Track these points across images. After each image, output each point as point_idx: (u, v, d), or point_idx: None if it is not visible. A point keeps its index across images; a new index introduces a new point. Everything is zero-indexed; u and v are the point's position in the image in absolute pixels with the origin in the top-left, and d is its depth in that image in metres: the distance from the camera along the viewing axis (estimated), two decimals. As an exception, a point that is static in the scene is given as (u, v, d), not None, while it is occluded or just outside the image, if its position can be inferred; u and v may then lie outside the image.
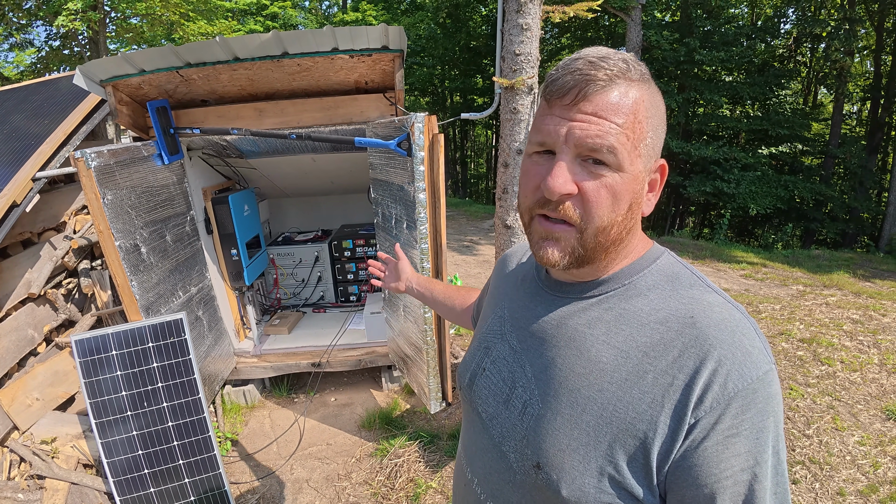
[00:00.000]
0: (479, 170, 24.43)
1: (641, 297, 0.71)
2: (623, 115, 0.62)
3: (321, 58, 2.48)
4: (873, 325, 4.71)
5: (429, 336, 2.65)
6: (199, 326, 3.01)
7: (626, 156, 0.63)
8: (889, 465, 2.85)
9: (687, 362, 0.63)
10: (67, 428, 2.72)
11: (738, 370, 0.60)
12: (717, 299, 0.68)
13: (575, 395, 0.69)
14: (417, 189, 2.41)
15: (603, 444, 0.65)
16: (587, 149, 0.63)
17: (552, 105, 0.65)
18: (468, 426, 0.90)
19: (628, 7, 10.14)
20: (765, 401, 0.61)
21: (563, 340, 0.74)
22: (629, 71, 0.64)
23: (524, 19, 2.62)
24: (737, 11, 16.13)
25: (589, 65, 0.63)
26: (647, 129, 0.65)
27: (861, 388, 3.62)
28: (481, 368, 0.86)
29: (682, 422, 0.61)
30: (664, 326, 0.66)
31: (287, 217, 4.83)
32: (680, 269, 0.73)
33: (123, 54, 2.21)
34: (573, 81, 0.63)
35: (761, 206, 11.13)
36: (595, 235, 0.67)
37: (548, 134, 0.65)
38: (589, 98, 0.62)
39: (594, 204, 0.65)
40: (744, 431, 0.60)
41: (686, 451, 0.61)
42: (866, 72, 16.71)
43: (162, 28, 12.24)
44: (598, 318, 0.72)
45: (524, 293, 0.86)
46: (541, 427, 0.72)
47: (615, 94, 0.62)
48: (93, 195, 2.14)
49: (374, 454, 2.95)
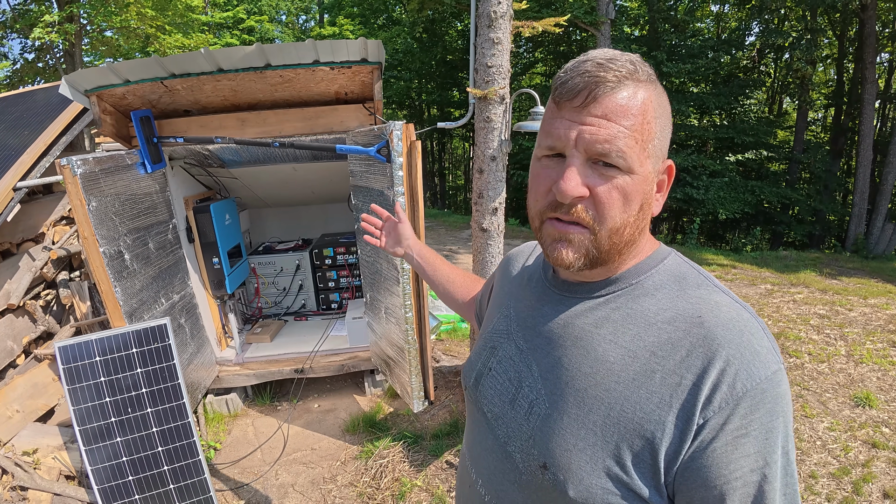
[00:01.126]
0: (457, 181, 24.67)
1: (649, 297, 0.70)
2: (632, 117, 0.63)
3: (303, 69, 2.56)
4: (840, 319, 4.94)
5: (410, 336, 2.73)
6: (182, 334, 3.03)
7: (635, 158, 0.64)
8: (860, 448, 2.99)
9: (695, 362, 0.62)
10: (48, 439, 2.71)
11: (746, 370, 0.60)
12: (724, 299, 0.67)
13: (582, 395, 0.69)
14: (397, 193, 2.51)
15: (610, 445, 0.65)
16: (597, 153, 0.63)
17: (561, 107, 0.66)
18: (473, 426, 0.90)
19: (598, 22, 10.48)
20: (774, 401, 0.60)
21: (570, 340, 0.74)
22: (637, 72, 0.64)
23: (495, 34, 2.76)
24: (702, 25, 16.80)
25: (598, 66, 0.63)
26: (656, 129, 0.65)
27: (829, 378, 3.80)
28: (487, 368, 0.86)
29: (691, 422, 0.61)
30: (672, 326, 0.66)
31: (267, 227, 4.86)
32: (687, 269, 0.73)
33: (109, 64, 2.26)
34: (582, 83, 0.63)
35: (730, 211, 11.53)
36: (609, 237, 0.67)
37: (558, 137, 0.65)
38: (598, 100, 0.62)
39: (606, 206, 0.65)
40: (753, 432, 0.59)
41: (695, 452, 0.61)
42: (829, 80, 17.50)
43: (138, 41, 12.19)
44: (605, 317, 0.72)
45: (531, 293, 0.86)
46: (547, 427, 0.71)
47: (624, 95, 0.63)
48: (78, 202, 2.18)
49: (359, 456, 2.99)
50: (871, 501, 2.60)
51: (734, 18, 16.61)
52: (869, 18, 10.88)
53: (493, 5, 2.66)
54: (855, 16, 11.79)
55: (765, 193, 12.11)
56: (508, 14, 2.75)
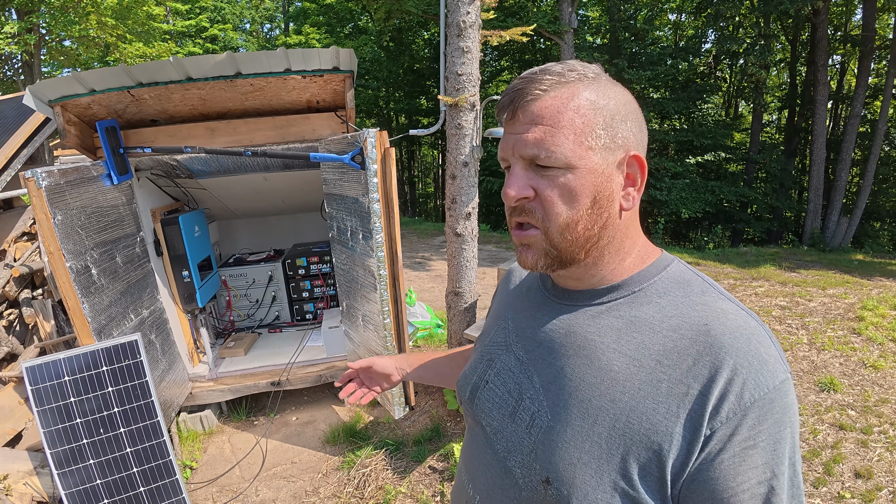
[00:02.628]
0: (427, 189, 24.73)
1: (652, 304, 0.69)
2: (558, 115, 0.64)
3: (274, 78, 2.55)
4: (800, 310, 5.15)
5: (389, 342, 2.73)
6: (153, 350, 2.95)
7: (569, 153, 0.64)
8: (828, 431, 3.12)
9: (702, 371, 0.61)
10: (18, 465, 2.59)
11: (754, 379, 0.59)
12: (730, 306, 0.66)
13: (586, 406, 0.67)
14: (372, 200, 2.51)
15: (616, 457, 0.63)
16: (529, 156, 0.66)
17: (503, 125, 0.71)
18: (470, 441, 0.87)
19: (561, 31, 10.74)
20: (781, 411, 0.60)
21: (572, 349, 0.72)
22: (564, 75, 0.66)
23: (465, 43, 2.81)
24: (661, 34, 17.40)
25: (523, 81, 0.67)
26: (595, 121, 0.65)
27: (793, 365, 3.95)
28: (483, 381, 0.84)
29: (698, 433, 0.60)
30: (677, 334, 0.65)
31: (238, 238, 4.78)
32: (691, 275, 0.72)
33: (74, 74, 2.20)
34: (508, 99, 0.68)
35: (692, 211, 11.94)
36: (560, 234, 0.68)
37: (502, 150, 0.71)
38: (524, 108, 0.66)
39: (549, 203, 0.67)
40: (761, 443, 0.59)
41: (702, 464, 0.60)
42: (782, 83, 18.31)
43: (98, 50, 11.85)
44: (608, 325, 0.70)
45: (529, 303, 0.85)
46: (550, 440, 0.69)
47: (547, 99, 0.65)
48: (43, 215, 2.11)
49: (341, 467, 2.96)
50: (842, 481, 2.71)
51: (691, 27, 17.26)
52: (821, 23, 11.45)
53: (462, 15, 2.71)
54: (807, 20, 12.36)
55: (724, 193, 12.60)
56: (477, 24, 2.80)
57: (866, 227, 13.34)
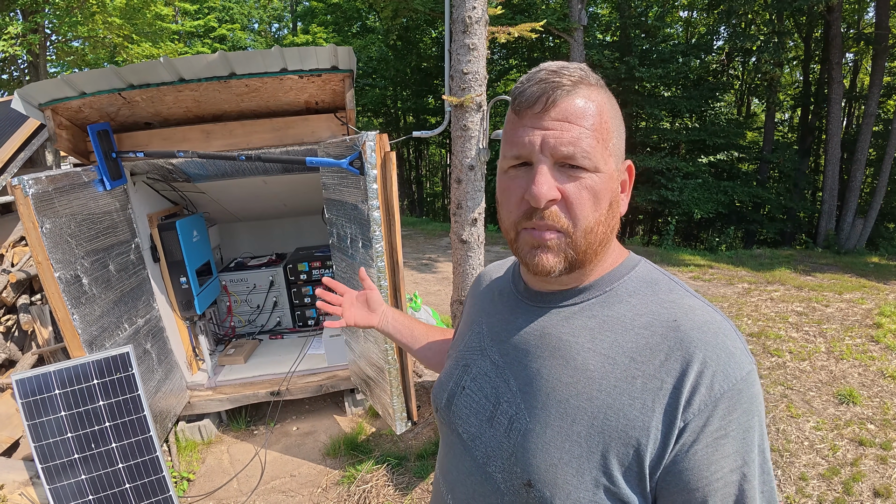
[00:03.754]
0: (435, 188, 24.61)
1: (623, 304, 0.71)
2: (591, 118, 0.64)
3: (270, 78, 2.45)
4: (817, 316, 4.98)
5: (390, 355, 2.62)
6: (148, 360, 2.87)
7: (599, 156, 0.65)
8: (847, 447, 2.98)
9: (674, 365, 0.63)
10: (14, 475, 2.53)
11: (722, 371, 0.61)
12: (697, 303, 0.69)
13: (564, 406, 0.68)
14: (371, 207, 2.40)
15: (596, 455, 0.64)
16: (563, 155, 0.64)
17: (522, 116, 0.66)
18: (447, 450, 0.86)
19: (571, 28, 10.57)
20: (749, 400, 0.62)
21: (547, 351, 0.72)
22: (588, 77, 0.67)
23: (471, 39, 2.69)
24: (672, 31, 17.12)
25: (551, 73, 0.65)
26: (613, 128, 0.67)
27: (811, 376, 3.80)
28: (460, 387, 0.83)
29: (673, 426, 0.61)
30: (648, 331, 0.67)
31: (239, 242, 4.69)
32: (658, 275, 0.74)
33: (63, 76, 2.12)
34: (540, 90, 0.64)
35: (704, 212, 11.72)
36: (584, 236, 0.67)
37: (523, 146, 0.66)
38: (557, 104, 0.64)
39: (578, 206, 0.65)
40: (731, 432, 0.60)
41: (677, 456, 0.61)
42: (795, 81, 17.98)
43: (105, 51, 11.85)
44: (582, 325, 0.71)
45: (503, 306, 0.84)
46: (530, 442, 0.69)
47: (580, 98, 0.64)
48: (30, 224, 2.03)
49: (341, 482, 2.86)
50: (861, 501, 2.59)
51: (703, 24, 16.99)
52: (835, 20, 11.19)
53: (468, 10, 2.60)
54: (821, 18, 12.11)
55: (737, 193, 12.35)
56: (484, 19, 2.68)
57: (881, 228, 13.03)
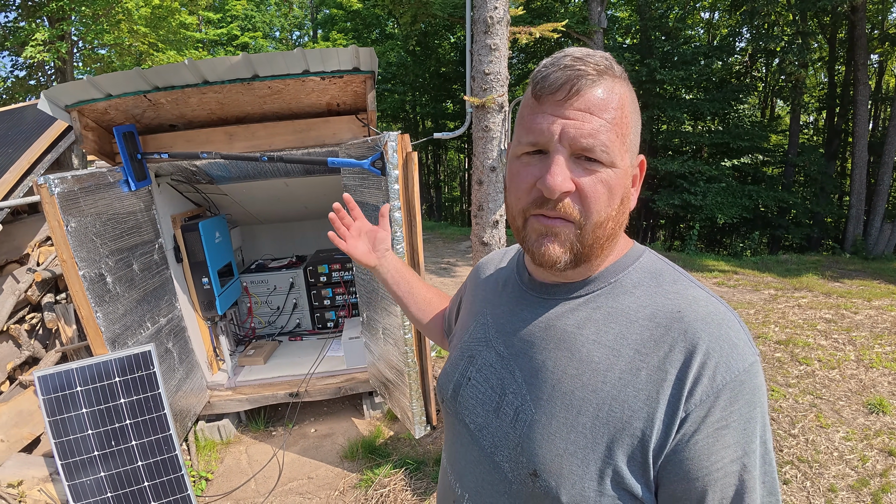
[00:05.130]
0: (453, 193, 24.63)
1: (628, 295, 0.71)
2: (612, 111, 0.63)
3: (292, 80, 2.46)
4: (846, 323, 4.83)
5: (410, 358, 2.59)
6: (170, 359, 2.89)
7: (616, 152, 0.64)
8: (877, 457, 2.88)
9: (678, 356, 0.63)
10: (34, 471, 2.56)
11: (725, 362, 0.61)
12: (701, 294, 0.68)
13: (569, 398, 0.68)
14: (393, 208, 2.39)
15: (601, 446, 0.65)
16: (582, 147, 0.62)
17: (542, 102, 0.64)
18: (454, 440, 0.87)
19: (590, 31, 10.49)
20: (751, 392, 0.62)
21: (552, 342, 0.73)
22: (612, 67, 0.65)
23: (492, 40, 2.66)
24: (693, 33, 16.87)
25: (577, 60, 0.63)
26: (631, 124, 0.66)
27: (841, 385, 3.68)
28: (466, 378, 0.83)
29: (675, 415, 0.61)
30: (653, 322, 0.67)
31: (260, 244, 4.73)
32: (662, 265, 0.74)
33: (90, 78, 2.15)
34: (564, 77, 0.62)
35: (728, 216, 11.47)
36: (593, 231, 0.66)
37: (540, 132, 0.64)
38: (581, 93, 0.62)
39: (592, 200, 0.64)
40: (733, 423, 0.61)
41: (677, 445, 0.61)
42: (820, 83, 17.56)
43: (131, 58, 12.14)
44: (587, 317, 0.71)
45: (507, 297, 0.84)
46: (535, 433, 0.70)
47: (603, 89, 0.63)
48: (56, 223, 2.06)
49: (359, 485, 2.84)
50: (891, 513, 2.49)
51: (725, 25, 16.71)
52: (859, 20, 10.92)
53: (489, 11, 2.58)
54: (845, 18, 11.83)
55: (762, 197, 12.06)
56: (505, 20, 2.66)
57: (909, 233, 12.59)
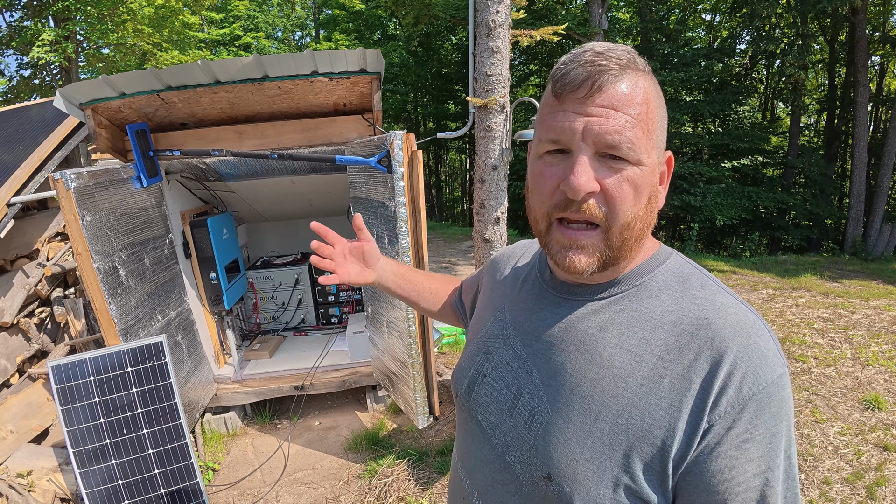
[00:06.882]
0: (455, 193, 24.72)
1: (653, 299, 0.68)
2: (637, 106, 0.60)
3: (301, 80, 2.53)
4: (843, 322, 4.89)
5: (414, 350, 2.66)
6: (179, 351, 2.96)
7: (642, 148, 0.61)
8: (872, 452, 2.94)
9: (703, 365, 0.61)
10: (43, 461, 2.63)
11: (753, 373, 0.59)
12: (730, 300, 0.66)
13: (588, 402, 0.66)
14: (398, 204, 2.46)
15: (618, 453, 0.63)
16: (606, 145, 0.60)
17: (563, 100, 0.62)
18: (465, 436, 0.85)
19: (591, 33, 10.56)
20: (778, 405, 0.59)
21: (572, 344, 0.70)
22: (635, 61, 0.62)
23: (494, 42, 2.74)
24: (694, 35, 16.95)
25: (598, 55, 0.60)
26: (658, 118, 0.63)
27: (837, 382, 3.74)
28: (481, 374, 0.81)
29: (698, 426, 0.59)
30: (678, 329, 0.64)
31: (265, 241, 4.80)
32: (690, 269, 0.71)
33: (104, 77, 2.22)
34: (585, 73, 0.60)
35: (727, 217, 11.51)
36: (620, 232, 0.64)
37: (562, 131, 0.61)
38: (603, 89, 0.59)
39: (618, 200, 0.62)
40: (757, 437, 0.58)
41: (699, 456, 0.59)
42: (821, 84, 17.62)
43: (134, 58, 12.23)
44: (610, 320, 0.69)
45: (527, 295, 0.82)
46: (551, 436, 0.68)
47: (627, 83, 0.60)
48: (72, 216, 2.13)
49: (363, 476, 2.91)
50: (885, 505, 2.55)
51: (725, 27, 16.78)
52: (860, 22, 10.97)
53: (491, 14, 2.65)
54: (845, 20, 11.88)
55: (761, 199, 12.11)
56: (507, 23, 2.73)
57: (909, 234, 12.64)
